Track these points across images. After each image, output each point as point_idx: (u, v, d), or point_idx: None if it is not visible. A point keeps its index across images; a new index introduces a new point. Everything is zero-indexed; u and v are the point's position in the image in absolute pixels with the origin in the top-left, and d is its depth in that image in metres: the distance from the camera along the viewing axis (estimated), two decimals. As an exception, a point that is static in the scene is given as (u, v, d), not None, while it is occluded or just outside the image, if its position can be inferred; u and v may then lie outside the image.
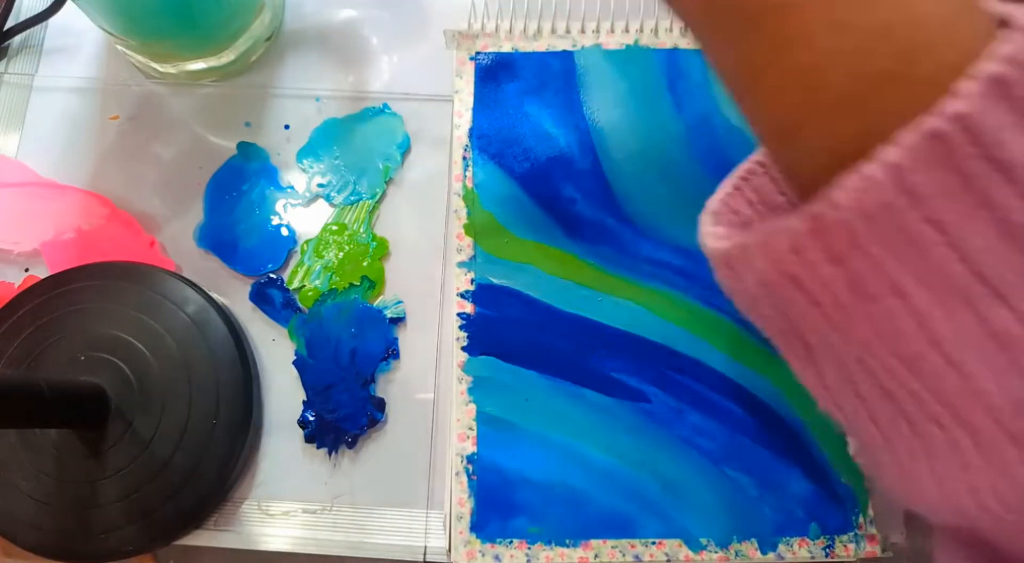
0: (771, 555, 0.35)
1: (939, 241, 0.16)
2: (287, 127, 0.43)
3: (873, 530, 0.36)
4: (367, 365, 0.39)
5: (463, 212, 0.40)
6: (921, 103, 0.16)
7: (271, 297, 0.40)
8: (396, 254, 0.41)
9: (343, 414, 0.38)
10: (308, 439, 0.38)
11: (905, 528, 0.37)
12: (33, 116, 0.43)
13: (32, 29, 0.44)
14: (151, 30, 0.39)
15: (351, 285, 0.40)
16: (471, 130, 0.41)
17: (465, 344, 0.38)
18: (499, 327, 0.38)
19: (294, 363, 0.39)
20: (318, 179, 0.41)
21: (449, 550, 0.36)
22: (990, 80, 0.15)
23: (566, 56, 0.41)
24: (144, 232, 0.41)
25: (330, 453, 0.38)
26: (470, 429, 0.37)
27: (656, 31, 0.42)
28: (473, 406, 0.37)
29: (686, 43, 0.41)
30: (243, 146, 0.42)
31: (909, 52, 0.17)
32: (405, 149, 0.42)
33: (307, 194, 0.41)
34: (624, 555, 0.35)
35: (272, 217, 0.41)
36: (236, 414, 0.36)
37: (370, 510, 0.37)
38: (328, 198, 0.41)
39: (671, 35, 0.42)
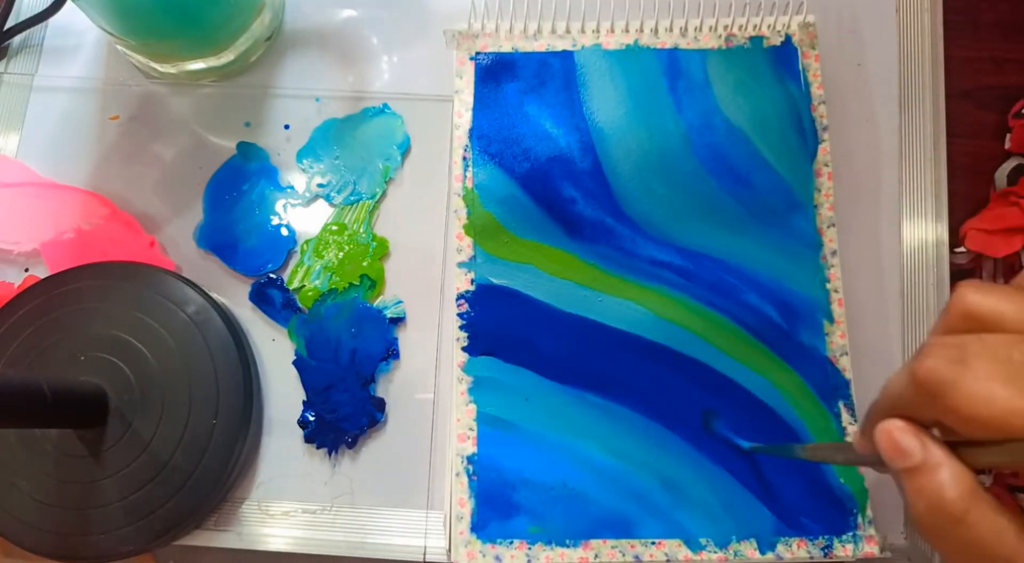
0: (770, 555, 0.35)
1: None
2: (287, 127, 0.43)
3: (872, 530, 0.36)
4: (367, 365, 0.39)
5: (463, 212, 0.40)
6: None
7: (271, 297, 0.40)
8: (396, 254, 0.41)
9: (343, 414, 0.38)
10: (308, 439, 0.38)
11: (904, 528, 0.37)
12: (33, 116, 0.43)
13: (32, 29, 0.44)
14: (151, 30, 0.39)
15: (351, 285, 0.40)
16: (471, 130, 0.41)
17: (465, 344, 0.38)
18: (499, 327, 0.38)
19: (294, 363, 0.39)
20: (318, 179, 0.41)
21: (449, 550, 0.36)
22: None
23: (566, 56, 0.41)
24: (144, 232, 0.41)
25: (330, 453, 0.38)
26: (470, 429, 0.37)
27: (656, 31, 0.42)
28: (473, 406, 0.37)
29: (686, 43, 0.41)
30: (243, 146, 0.42)
31: None
32: (405, 149, 0.42)
33: (307, 194, 0.41)
34: (624, 555, 0.35)
35: (272, 217, 0.41)
36: (236, 414, 0.36)
37: (370, 510, 0.37)
38: (328, 198, 0.41)
39: (671, 35, 0.42)
